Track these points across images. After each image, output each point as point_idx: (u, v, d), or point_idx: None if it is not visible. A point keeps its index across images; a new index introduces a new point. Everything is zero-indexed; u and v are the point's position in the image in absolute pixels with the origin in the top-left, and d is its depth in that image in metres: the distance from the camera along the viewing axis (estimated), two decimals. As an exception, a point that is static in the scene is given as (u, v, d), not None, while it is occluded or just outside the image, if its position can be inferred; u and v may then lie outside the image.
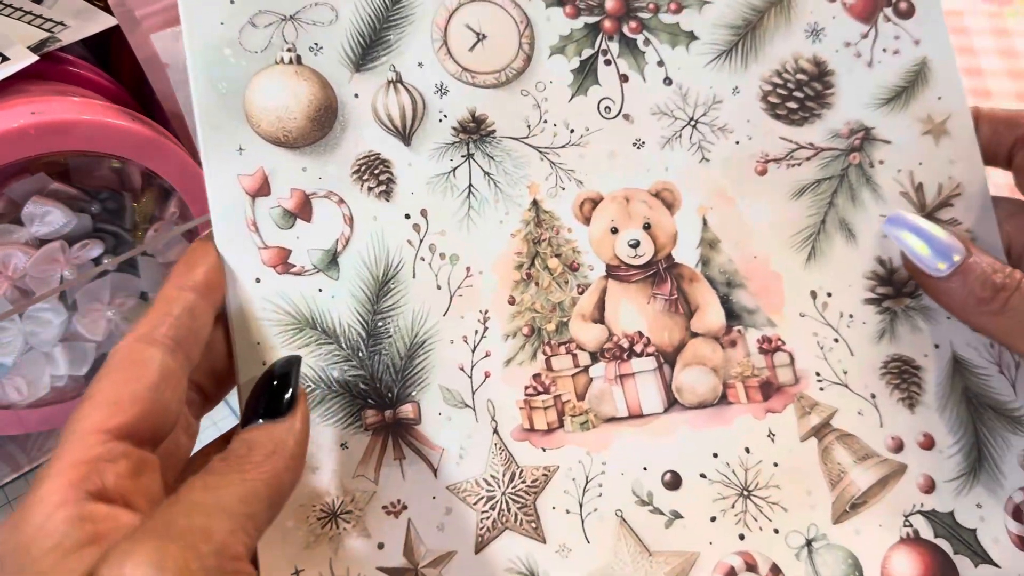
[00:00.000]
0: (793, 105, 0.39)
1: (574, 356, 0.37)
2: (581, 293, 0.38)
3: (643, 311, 0.38)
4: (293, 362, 0.33)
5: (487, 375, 0.36)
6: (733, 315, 0.38)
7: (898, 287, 0.39)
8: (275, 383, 0.32)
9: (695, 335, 0.38)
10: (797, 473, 0.36)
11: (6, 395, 0.44)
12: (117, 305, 0.45)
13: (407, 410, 0.35)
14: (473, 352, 0.36)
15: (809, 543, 0.36)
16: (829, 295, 0.39)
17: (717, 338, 0.38)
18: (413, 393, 0.35)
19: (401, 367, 0.36)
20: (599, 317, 0.38)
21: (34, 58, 0.41)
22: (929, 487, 0.37)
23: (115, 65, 0.49)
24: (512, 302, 0.37)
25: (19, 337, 0.43)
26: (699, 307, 0.38)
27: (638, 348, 0.37)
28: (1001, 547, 0.37)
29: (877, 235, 0.39)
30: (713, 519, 0.36)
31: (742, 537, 0.36)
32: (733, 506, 0.36)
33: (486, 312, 0.37)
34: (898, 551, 0.36)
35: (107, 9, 0.44)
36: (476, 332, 0.36)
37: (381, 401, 0.35)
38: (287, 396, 0.31)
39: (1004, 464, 0.38)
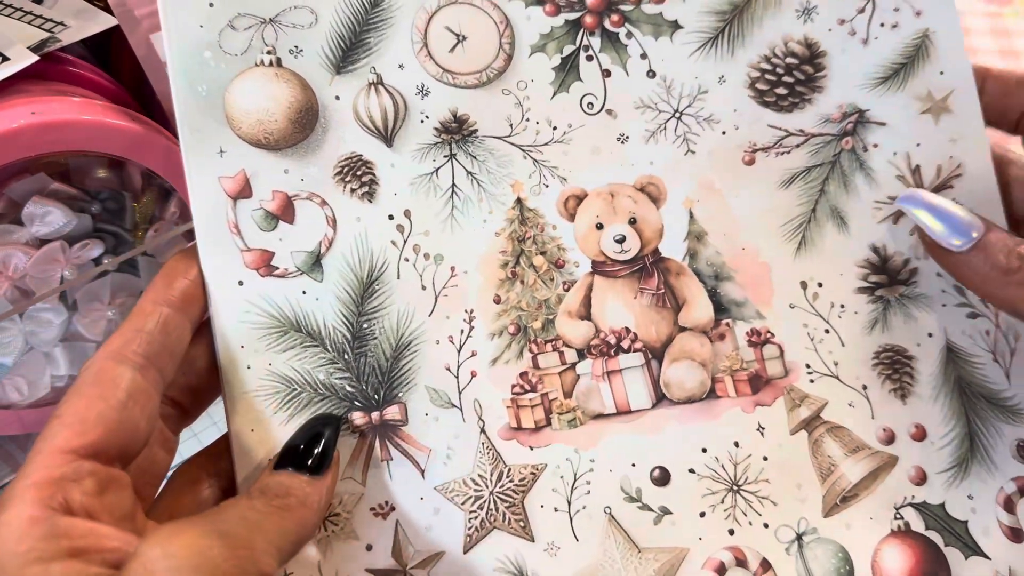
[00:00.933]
0: (782, 91, 0.39)
1: (561, 353, 0.37)
2: (567, 290, 0.38)
3: (630, 306, 0.38)
4: (333, 422, 0.34)
5: (473, 374, 0.36)
6: (721, 308, 0.38)
7: (892, 275, 0.39)
8: (315, 439, 0.33)
9: (683, 329, 0.38)
10: (787, 467, 0.36)
11: (6, 395, 0.44)
12: (117, 305, 0.46)
13: (394, 411, 0.35)
14: (459, 352, 0.36)
15: (799, 537, 0.36)
16: (820, 285, 0.38)
17: (705, 332, 0.38)
18: (399, 394, 0.36)
19: (387, 368, 0.36)
20: (585, 314, 0.38)
21: (34, 58, 0.41)
22: (920, 479, 0.37)
23: (115, 65, 0.49)
24: (497, 301, 0.37)
25: (19, 337, 0.43)
26: (687, 301, 0.38)
27: (625, 344, 0.37)
28: (992, 539, 0.36)
29: (871, 222, 0.39)
30: (702, 514, 0.36)
31: (732, 532, 0.36)
32: (723, 501, 0.36)
33: (471, 311, 0.37)
34: (889, 544, 0.36)
35: (107, 9, 0.44)
36: (462, 332, 0.36)
37: (368, 403, 0.35)
38: (324, 455, 0.33)
39: (996, 454, 0.37)
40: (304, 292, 0.36)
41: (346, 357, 0.35)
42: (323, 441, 0.33)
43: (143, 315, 0.33)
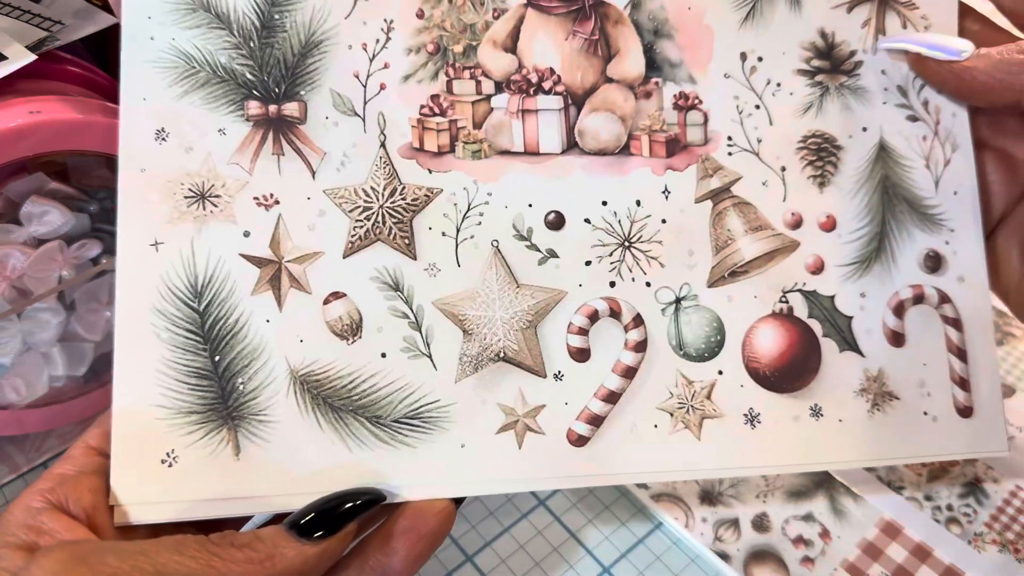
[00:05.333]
0: None
1: (478, 82, 0.36)
2: (496, 18, 0.36)
3: (559, 47, 0.36)
4: (366, 503, 0.33)
5: (382, 87, 0.35)
6: (654, 66, 0.37)
7: (836, 63, 0.37)
8: (337, 511, 0.32)
9: (609, 80, 0.37)
10: (683, 232, 0.36)
11: (4, 395, 0.45)
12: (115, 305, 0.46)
13: (292, 108, 0.35)
14: (371, 61, 0.35)
15: (679, 300, 0.36)
16: (760, 59, 0.37)
17: (632, 87, 0.37)
18: (301, 92, 0.35)
19: (293, 64, 0.35)
20: (511, 46, 0.36)
21: (33, 57, 0.41)
22: (817, 268, 0.36)
23: (114, 64, 0.49)
24: (421, 16, 0.36)
25: (17, 337, 0.44)
26: (619, 52, 0.37)
27: (547, 85, 0.36)
28: (872, 338, 0.36)
29: (825, 6, 0.38)
30: (588, 263, 0.36)
31: (613, 284, 0.36)
32: (611, 254, 0.36)
33: (391, 22, 0.35)
34: (766, 323, 0.36)
35: (106, 8, 0.45)
36: (377, 41, 0.35)
37: (267, 95, 0.35)
38: (329, 526, 0.31)
39: (902, 258, 0.37)
40: None
41: (251, 44, 0.34)
42: (342, 514, 0.32)
43: None
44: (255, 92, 0.35)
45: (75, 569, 0.27)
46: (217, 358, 0.33)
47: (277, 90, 0.35)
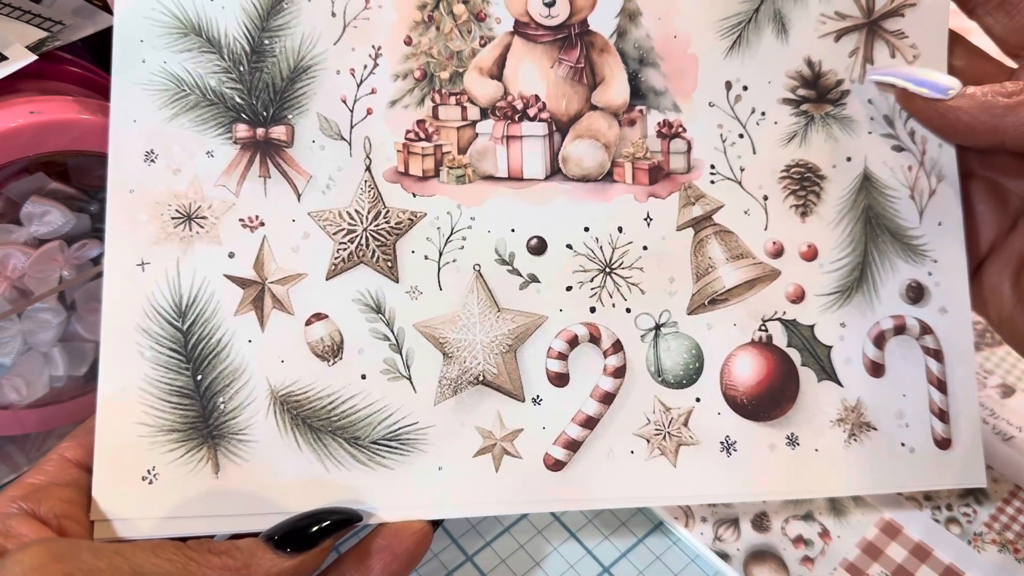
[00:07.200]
0: None
1: (464, 109, 0.37)
2: (483, 45, 0.37)
3: (545, 75, 0.37)
4: (342, 522, 0.33)
5: (369, 112, 0.36)
6: (639, 94, 0.37)
7: (822, 92, 0.38)
8: (314, 527, 0.33)
9: (594, 108, 0.37)
10: (664, 259, 0.36)
11: (5, 395, 0.45)
12: (116, 304, 0.47)
13: (280, 131, 0.35)
14: (359, 86, 0.36)
15: (658, 327, 0.36)
16: (745, 88, 0.37)
17: (616, 115, 0.37)
18: (289, 116, 0.35)
19: (281, 88, 0.35)
20: (497, 73, 0.37)
21: (33, 57, 0.42)
22: (798, 297, 0.37)
23: None
24: (408, 43, 0.36)
25: (18, 337, 0.44)
26: (604, 80, 0.37)
27: (532, 112, 0.37)
28: (851, 369, 0.37)
29: (812, 34, 0.38)
30: (569, 288, 0.36)
31: (593, 310, 0.36)
32: (592, 280, 0.36)
33: (379, 48, 0.36)
34: (744, 351, 0.36)
35: (106, 8, 0.45)
36: (365, 67, 0.36)
37: (255, 118, 0.35)
38: (305, 542, 0.32)
39: (884, 289, 0.37)
40: None
41: (241, 69, 0.35)
42: (316, 533, 0.33)
43: None
44: (243, 115, 0.36)
45: (52, 565, 0.27)
46: (199, 377, 0.34)
47: (265, 113, 0.36)
